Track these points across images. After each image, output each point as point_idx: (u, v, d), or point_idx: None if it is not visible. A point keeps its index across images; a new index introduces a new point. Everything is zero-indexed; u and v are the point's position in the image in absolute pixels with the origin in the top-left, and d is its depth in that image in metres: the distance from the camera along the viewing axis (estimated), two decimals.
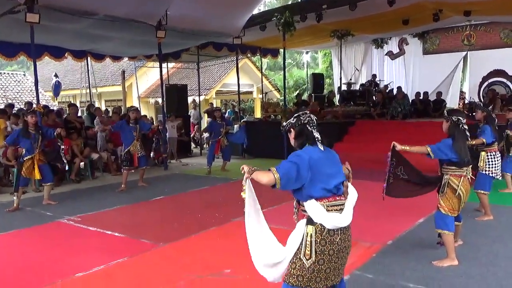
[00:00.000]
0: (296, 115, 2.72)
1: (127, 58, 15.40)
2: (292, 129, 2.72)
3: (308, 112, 2.72)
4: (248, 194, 2.60)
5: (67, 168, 8.45)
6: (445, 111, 4.46)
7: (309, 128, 2.65)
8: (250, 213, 2.64)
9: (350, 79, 16.43)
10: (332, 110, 13.20)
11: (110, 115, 12.27)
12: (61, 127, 9.06)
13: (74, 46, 12.35)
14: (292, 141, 2.75)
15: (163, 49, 11.40)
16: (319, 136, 2.64)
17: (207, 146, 13.02)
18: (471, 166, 4.31)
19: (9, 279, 4.18)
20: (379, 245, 4.80)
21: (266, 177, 2.46)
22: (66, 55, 12.67)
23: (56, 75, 14.29)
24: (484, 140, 5.60)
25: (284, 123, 2.78)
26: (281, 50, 14.03)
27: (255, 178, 2.51)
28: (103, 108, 19.26)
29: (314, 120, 2.70)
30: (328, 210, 2.51)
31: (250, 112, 25.53)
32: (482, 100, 13.46)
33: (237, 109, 16.47)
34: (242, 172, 2.57)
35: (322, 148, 2.62)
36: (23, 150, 7.05)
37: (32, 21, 7.98)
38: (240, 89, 14.28)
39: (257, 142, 12.69)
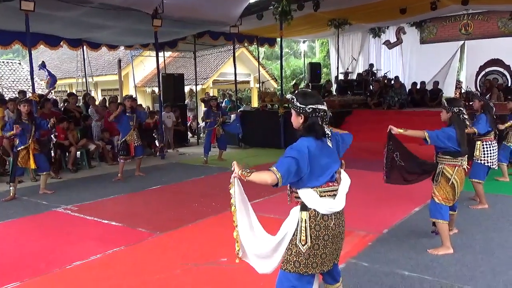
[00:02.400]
0: (313, 107, 2.53)
1: (123, 47, 15.30)
2: (302, 115, 2.56)
3: (325, 107, 2.56)
4: (237, 191, 2.61)
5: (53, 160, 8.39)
6: (444, 100, 4.41)
7: (320, 122, 2.54)
8: (239, 209, 2.64)
9: (347, 69, 16.42)
10: (329, 100, 13.19)
11: (107, 104, 12.21)
12: (58, 116, 9.05)
13: (70, 34, 12.26)
14: (296, 123, 2.62)
15: (159, 38, 11.32)
16: (329, 133, 2.57)
17: (204, 135, 13.02)
18: (466, 156, 4.32)
19: (6, 268, 4.18)
20: (374, 234, 4.83)
21: (269, 178, 2.41)
22: (61, 43, 12.60)
23: (43, 65, 12.69)
24: (476, 130, 5.59)
25: (297, 103, 2.55)
26: (278, 39, 13.98)
27: (256, 180, 2.47)
28: (100, 97, 19.19)
29: (329, 115, 2.58)
30: (321, 196, 2.52)
31: (247, 102, 25.49)
32: (479, 90, 13.48)
33: (234, 99, 16.43)
34: (232, 169, 2.54)
35: (330, 144, 2.58)
36: (17, 140, 7.02)
37: (27, 9, 7.92)
38: (237, 79, 14.23)
39: (254, 132, 12.70)
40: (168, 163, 10.64)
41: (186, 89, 16.89)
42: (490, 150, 5.79)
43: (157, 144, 11.93)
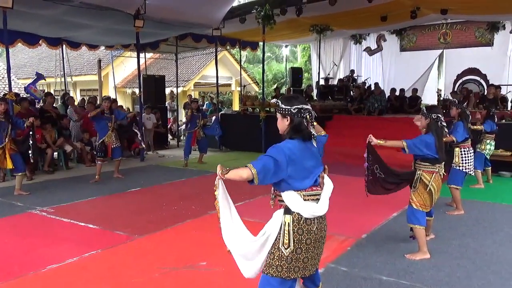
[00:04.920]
0: (299, 107, 2.55)
1: (104, 47, 15.11)
2: (288, 117, 2.57)
3: (309, 107, 2.59)
4: (221, 193, 2.62)
5: (32, 160, 8.21)
6: (423, 107, 4.48)
7: (305, 123, 2.55)
8: (223, 211, 2.65)
9: (328, 74, 16.54)
10: (310, 105, 13.25)
11: (86, 105, 12.03)
12: (35, 115, 8.86)
13: (49, 33, 12.06)
14: (281, 126, 2.62)
15: (141, 39, 11.23)
16: (315, 134, 2.59)
17: (184, 137, 12.94)
18: (443, 163, 4.39)
19: None
20: (353, 239, 4.87)
21: (244, 173, 2.43)
22: (40, 42, 12.37)
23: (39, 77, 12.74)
24: (454, 139, 5.71)
25: (282, 105, 2.57)
26: (261, 43, 14.01)
27: (232, 177, 2.48)
28: (79, 97, 18.89)
29: (313, 115, 2.60)
30: (305, 200, 2.53)
31: (228, 105, 25.45)
32: (456, 98, 13.75)
33: (215, 102, 16.39)
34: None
35: (314, 144, 2.59)
36: None
37: (4, 5, 7.75)
38: (219, 82, 14.20)
39: (235, 135, 12.70)
40: (147, 165, 10.53)
41: (167, 91, 16.79)
42: (468, 157, 5.92)
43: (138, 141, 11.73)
